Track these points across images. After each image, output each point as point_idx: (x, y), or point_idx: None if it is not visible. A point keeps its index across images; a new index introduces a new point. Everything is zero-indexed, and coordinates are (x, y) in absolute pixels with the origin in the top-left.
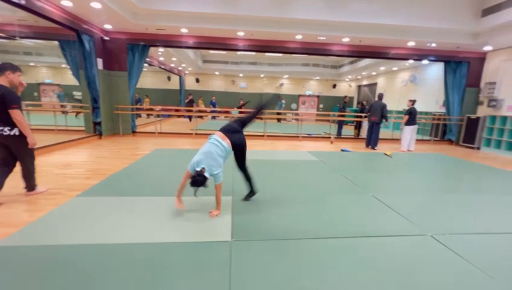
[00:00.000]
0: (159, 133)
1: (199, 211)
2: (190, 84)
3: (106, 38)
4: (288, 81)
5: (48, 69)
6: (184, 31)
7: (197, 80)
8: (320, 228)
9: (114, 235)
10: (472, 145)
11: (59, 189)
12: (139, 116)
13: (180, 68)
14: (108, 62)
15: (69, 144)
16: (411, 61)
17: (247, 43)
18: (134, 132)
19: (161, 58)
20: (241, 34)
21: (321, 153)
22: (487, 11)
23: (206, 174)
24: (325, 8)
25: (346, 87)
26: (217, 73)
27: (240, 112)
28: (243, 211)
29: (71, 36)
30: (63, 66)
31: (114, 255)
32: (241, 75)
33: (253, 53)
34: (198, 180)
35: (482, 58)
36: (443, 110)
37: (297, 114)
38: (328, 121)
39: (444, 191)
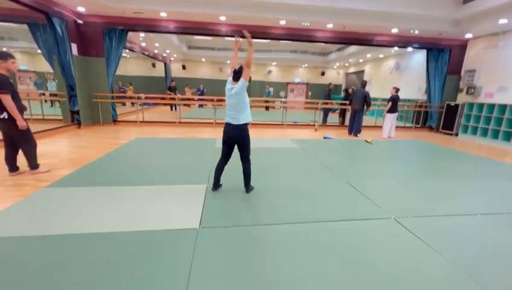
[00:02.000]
0: (141, 122)
1: (171, 199)
2: (176, 71)
3: (80, 21)
4: (276, 69)
5: (22, 54)
6: (163, 14)
7: (183, 67)
8: (288, 214)
9: (76, 226)
10: (450, 132)
11: (27, 180)
12: (124, 104)
13: (164, 54)
14: (84, 47)
15: (45, 134)
16: (396, 48)
17: (230, 29)
18: (115, 120)
19: (143, 44)
20: (223, 18)
21: (304, 141)
22: None
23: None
24: None
25: (335, 75)
26: (203, 60)
27: None
28: (215, 199)
29: (41, 19)
30: (39, 51)
31: (73, 246)
32: (228, 62)
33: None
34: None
35: (463, 46)
36: (425, 97)
37: (285, 102)
38: (317, 108)
39: (416, 176)
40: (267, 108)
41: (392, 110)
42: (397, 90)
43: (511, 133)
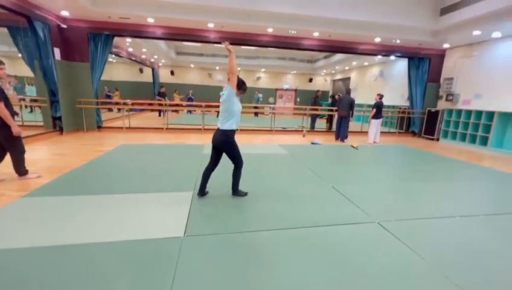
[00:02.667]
0: (127, 128)
1: (155, 207)
2: (164, 76)
3: (64, 26)
4: (265, 75)
5: (2, 58)
6: (150, 20)
7: (172, 73)
8: (276, 220)
9: (51, 238)
10: (432, 137)
11: (4, 190)
12: (110, 110)
13: (152, 60)
14: (68, 52)
15: (25, 141)
16: (379, 56)
17: (218, 35)
18: (99, 127)
19: (130, 49)
20: (211, 25)
21: (292, 147)
22: (445, 10)
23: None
24: (295, 1)
25: (322, 81)
26: (192, 66)
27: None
28: (202, 205)
29: (22, 22)
30: (20, 55)
31: (47, 259)
32: (217, 68)
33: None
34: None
35: (441, 55)
36: (408, 104)
37: (273, 108)
38: (305, 114)
39: (399, 180)
40: (256, 114)
41: (377, 116)
42: (381, 96)
43: (487, 138)
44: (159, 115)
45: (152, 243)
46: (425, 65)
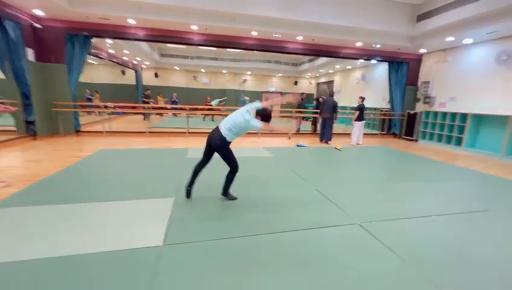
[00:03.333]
0: (107, 132)
1: (134, 215)
2: (148, 79)
3: (38, 26)
4: (251, 78)
5: None
6: (131, 21)
7: (156, 75)
8: (257, 225)
9: (21, 252)
10: (411, 138)
11: None
12: (90, 113)
13: (135, 62)
14: (43, 53)
15: None
16: (361, 60)
17: (202, 38)
18: (78, 131)
19: (111, 51)
20: (194, 27)
21: (277, 149)
22: (421, 17)
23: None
24: (278, 6)
25: (307, 84)
26: (177, 68)
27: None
28: (183, 212)
29: None
30: None
31: (20, 274)
32: (203, 70)
33: (214, 48)
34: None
35: (418, 60)
36: (389, 106)
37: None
38: (291, 117)
39: (380, 181)
40: None
41: (360, 118)
42: (363, 99)
43: (461, 139)
44: (144, 119)
45: (128, 253)
46: (403, 69)
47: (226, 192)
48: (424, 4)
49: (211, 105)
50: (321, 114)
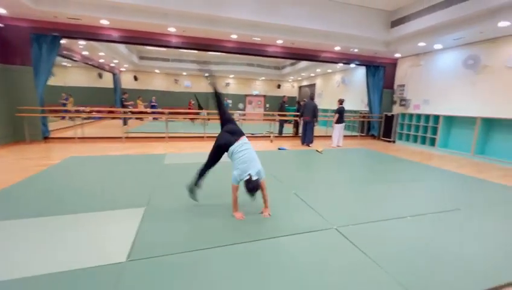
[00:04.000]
0: (80, 138)
1: (99, 228)
2: (127, 82)
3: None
4: (234, 81)
5: None
6: (104, 22)
7: (135, 78)
8: (230, 233)
9: None
10: (389, 139)
11: None
12: (64, 118)
13: (112, 65)
14: (5, 54)
15: None
16: (341, 64)
17: (180, 40)
18: (46, 137)
19: (85, 53)
20: (172, 29)
21: (259, 153)
22: (395, 23)
23: (254, 177)
24: (257, 9)
25: (290, 88)
26: (157, 71)
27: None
28: (153, 222)
29: None
30: None
31: None
32: (184, 73)
33: (195, 51)
34: (252, 187)
35: (394, 64)
36: (367, 109)
37: (244, 114)
38: (274, 120)
39: (358, 183)
40: None
41: (339, 121)
42: (342, 102)
43: (435, 139)
44: (124, 124)
45: (86, 273)
46: (380, 73)
47: (193, 184)
48: (398, 11)
49: (196, 108)
50: (302, 117)
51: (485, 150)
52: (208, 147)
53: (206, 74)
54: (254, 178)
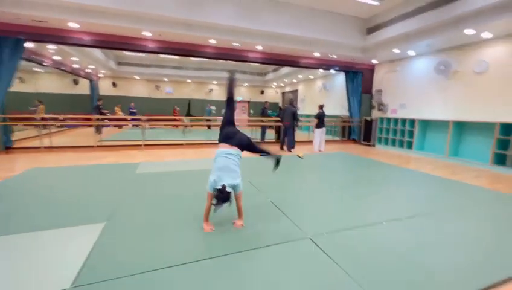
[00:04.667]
0: (47, 147)
1: (48, 248)
2: (106, 89)
3: None
4: (217, 87)
5: None
6: (74, 25)
7: (114, 84)
8: (195, 249)
9: None
10: (369, 143)
11: None
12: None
13: (89, 70)
14: None
15: None
16: (321, 70)
17: (157, 45)
18: (8, 147)
19: (56, 57)
20: (147, 34)
21: None
22: (370, 30)
23: (228, 189)
24: (236, 14)
25: (273, 93)
26: (137, 77)
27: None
28: (112, 239)
29: None
30: None
31: None
32: (165, 79)
33: (176, 56)
34: (223, 197)
35: (371, 70)
36: (348, 114)
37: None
38: (256, 126)
39: (337, 188)
40: (209, 127)
41: (319, 125)
42: (321, 107)
43: (412, 142)
44: (96, 132)
45: None
46: (359, 78)
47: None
48: (373, 18)
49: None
50: (282, 122)
51: (458, 152)
52: (187, 154)
53: (230, 77)
54: (228, 190)
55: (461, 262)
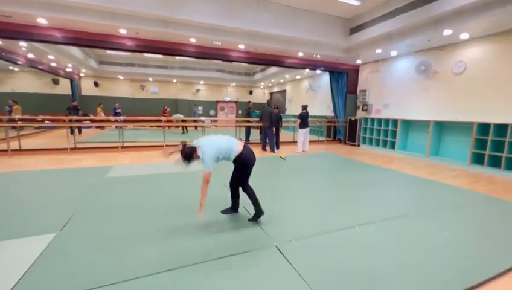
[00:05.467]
0: (14, 150)
1: None
2: (88, 89)
3: None
4: (205, 87)
5: None
6: (42, 21)
7: (96, 84)
8: (151, 262)
9: None
10: (354, 143)
11: None
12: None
13: (69, 70)
14: None
15: None
16: (307, 70)
17: (134, 43)
18: None
19: (30, 55)
20: (123, 31)
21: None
22: (353, 30)
23: (198, 152)
24: (216, 12)
25: (261, 94)
26: (120, 77)
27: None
28: (57, 253)
29: None
30: None
31: None
32: (150, 79)
33: (160, 56)
34: (185, 151)
35: (356, 70)
36: (333, 114)
37: (215, 120)
38: (242, 126)
39: (314, 191)
40: (196, 127)
41: (302, 125)
42: (304, 107)
43: (394, 143)
44: (71, 133)
45: None
46: (343, 79)
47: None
48: (355, 18)
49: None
50: (262, 123)
51: (438, 151)
52: (170, 156)
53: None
54: (195, 146)
55: (429, 267)
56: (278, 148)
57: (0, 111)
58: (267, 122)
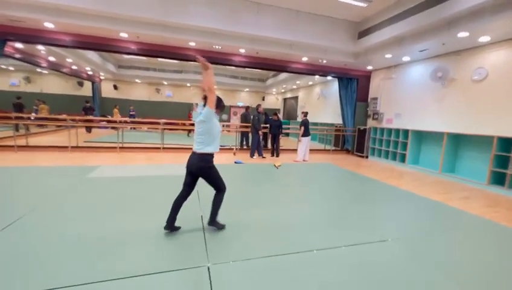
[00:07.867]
0: (20, 146)
1: None
2: (107, 91)
3: None
4: (218, 92)
5: None
6: (49, 25)
7: (115, 87)
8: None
9: None
10: (362, 155)
11: None
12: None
13: (90, 73)
14: None
15: None
16: (318, 76)
17: (136, 47)
18: None
19: (51, 58)
20: (124, 35)
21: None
22: (361, 34)
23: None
24: (216, 16)
25: (274, 100)
26: (137, 80)
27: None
28: None
29: None
30: None
31: None
32: (165, 83)
33: (176, 61)
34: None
35: (367, 76)
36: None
37: (228, 125)
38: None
39: (297, 205)
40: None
41: (305, 134)
42: (305, 114)
43: (405, 155)
44: (89, 131)
45: None
46: (353, 85)
47: (213, 220)
48: (363, 22)
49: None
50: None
51: (454, 168)
52: (164, 158)
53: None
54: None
55: None
56: (277, 155)
57: (28, 109)
58: (256, 127)
